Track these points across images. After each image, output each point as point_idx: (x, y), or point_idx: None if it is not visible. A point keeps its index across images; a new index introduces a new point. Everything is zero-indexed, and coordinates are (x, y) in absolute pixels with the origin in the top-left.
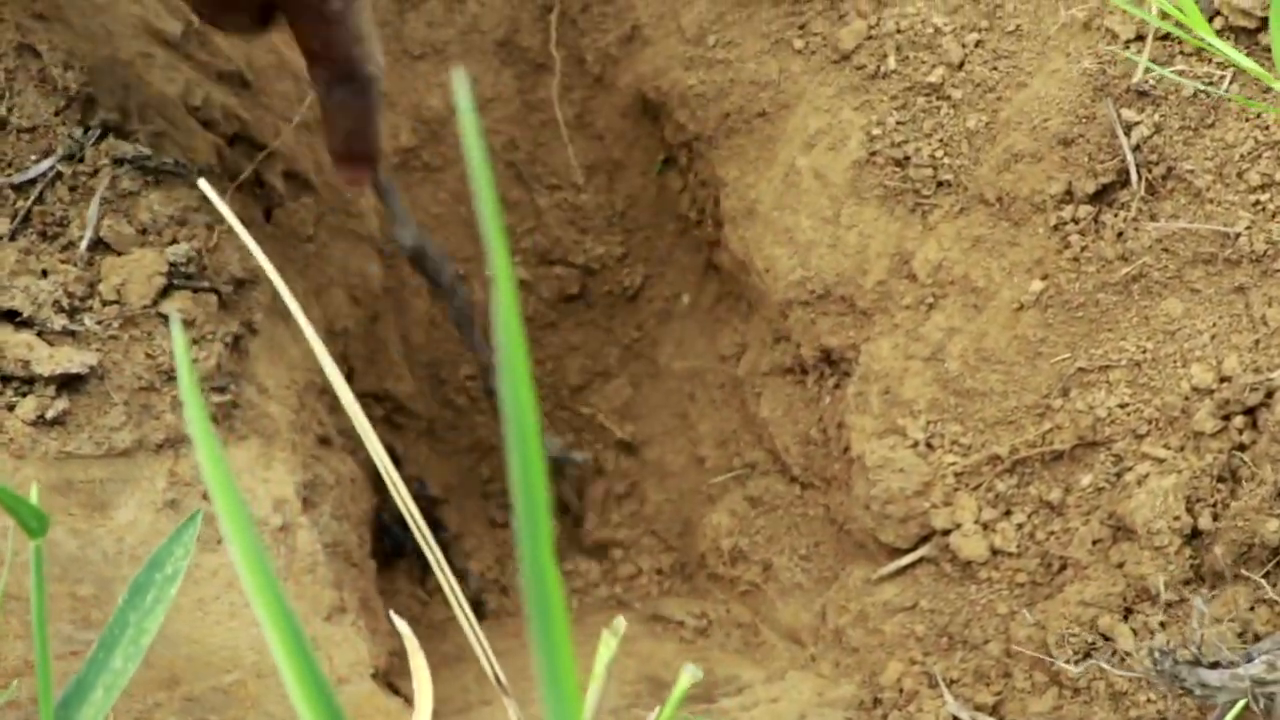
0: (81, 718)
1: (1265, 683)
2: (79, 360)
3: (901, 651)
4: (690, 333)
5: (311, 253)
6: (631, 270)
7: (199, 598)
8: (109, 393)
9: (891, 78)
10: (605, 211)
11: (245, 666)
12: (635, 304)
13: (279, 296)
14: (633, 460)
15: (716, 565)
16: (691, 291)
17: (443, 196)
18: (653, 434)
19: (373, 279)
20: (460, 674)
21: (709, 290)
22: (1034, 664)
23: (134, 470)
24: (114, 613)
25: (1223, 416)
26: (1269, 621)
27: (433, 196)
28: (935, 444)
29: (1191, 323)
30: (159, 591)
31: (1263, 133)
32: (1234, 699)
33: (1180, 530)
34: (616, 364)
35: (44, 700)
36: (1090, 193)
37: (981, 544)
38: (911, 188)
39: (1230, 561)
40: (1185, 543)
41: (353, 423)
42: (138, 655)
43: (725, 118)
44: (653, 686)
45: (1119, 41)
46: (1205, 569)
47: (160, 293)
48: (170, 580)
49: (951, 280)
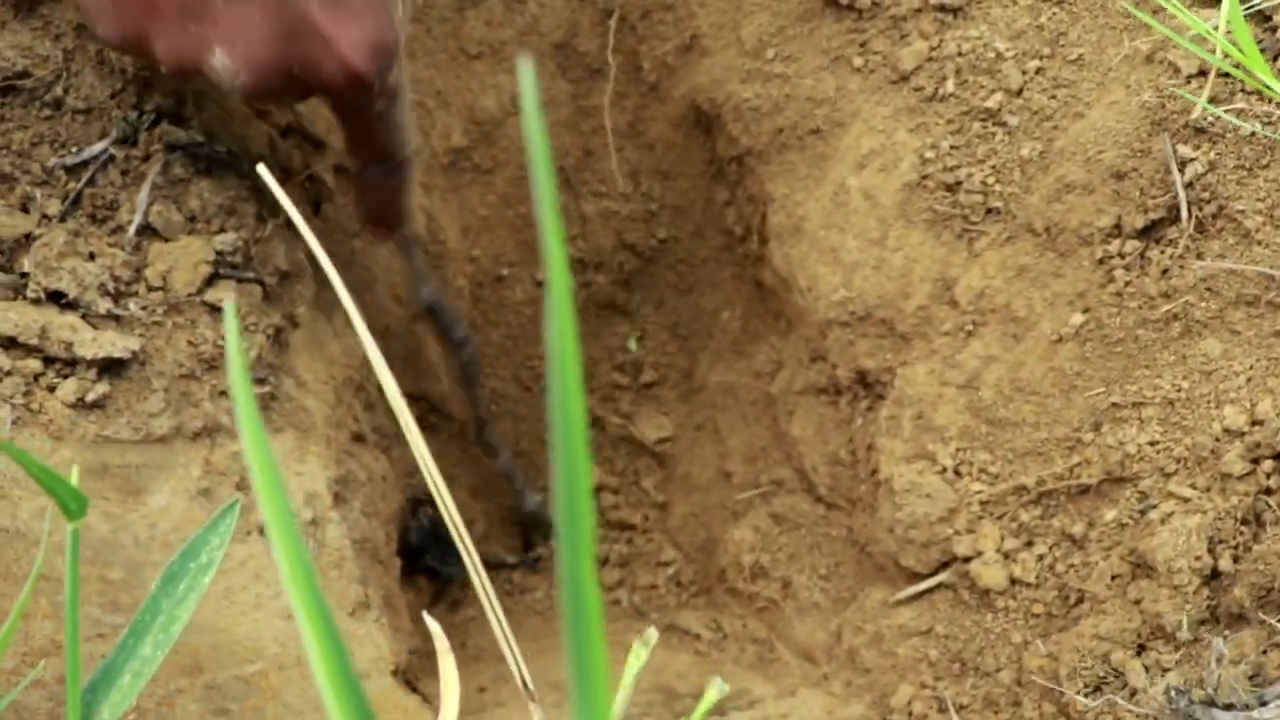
0: (108, 702)
1: None
2: (121, 345)
3: (914, 675)
4: (727, 347)
5: (356, 249)
6: (672, 283)
7: (226, 587)
8: (149, 379)
9: (949, 101)
10: (650, 222)
11: (268, 657)
12: (676, 319)
13: (322, 291)
14: (661, 472)
15: (736, 580)
16: (731, 306)
17: (491, 199)
18: (683, 446)
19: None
20: (477, 674)
21: (749, 306)
22: (1044, 694)
23: (170, 457)
24: (146, 599)
25: (1251, 460)
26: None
27: (481, 199)
28: (963, 471)
29: (1229, 364)
30: (192, 580)
31: None
32: None
33: (1200, 570)
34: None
35: (71, 683)
36: (1139, 228)
37: (1001, 573)
38: (960, 213)
39: (1248, 604)
40: (1204, 583)
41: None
42: (167, 643)
43: (778, 133)
44: (665, 697)
45: (1180, 76)
46: (1222, 610)
47: (206, 281)
48: (204, 569)
49: (993, 309)
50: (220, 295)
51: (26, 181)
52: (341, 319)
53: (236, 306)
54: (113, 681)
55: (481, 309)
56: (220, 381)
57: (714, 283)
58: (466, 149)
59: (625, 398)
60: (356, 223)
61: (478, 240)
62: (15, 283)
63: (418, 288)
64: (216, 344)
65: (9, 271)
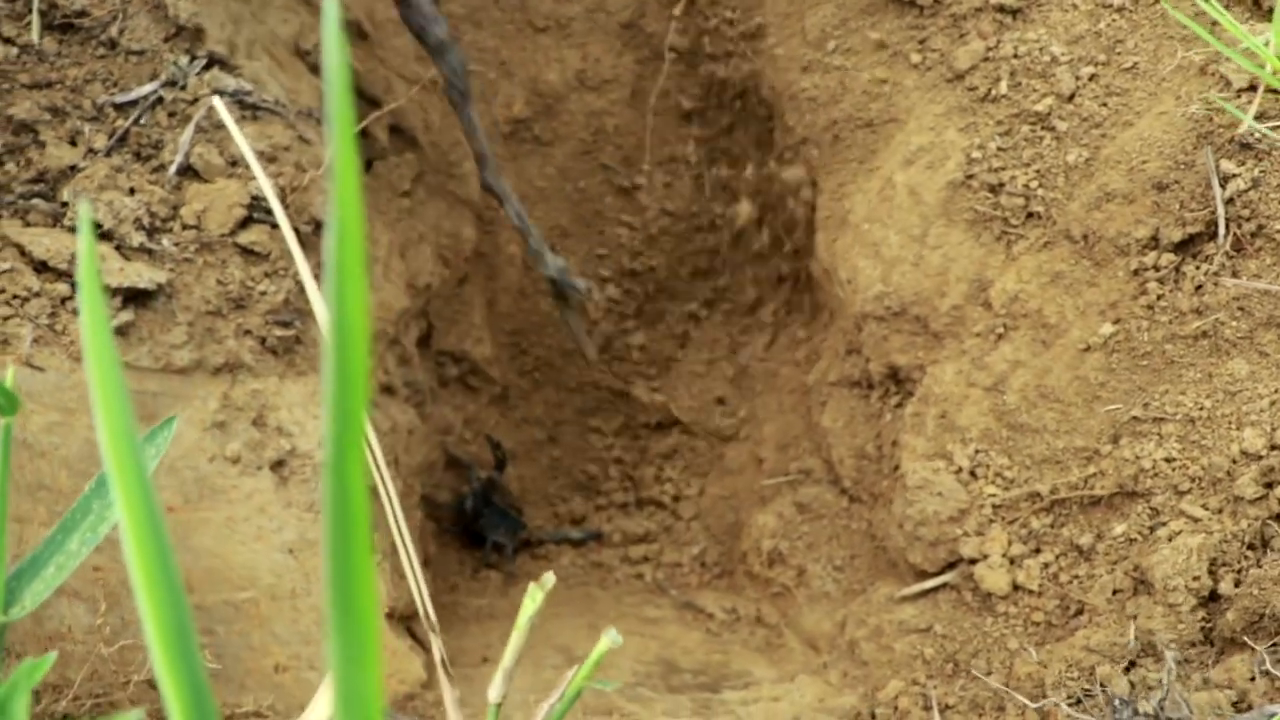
0: (31, 590)
1: None
2: (148, 277)
3: (907, 671)
4: (774, 334)
5: (405, 208)
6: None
7: (229, 516)
8: (175, 312)
9: (1000, 102)
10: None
11: (261, 587)
12: (723, 303)
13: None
14: (696, 454)
15: (755, 564)
16: (779, 295)
17: (550, 171)
18: (721, 432)
19: (465, 241)
20: (487, 630)
21: (796, 295)
22: (1030, 700)
23: (188, 388)
24: (79, 499)
25: (1265, 484)
26: (1266, 694)
27: (539, 170)
28: (979, 473)
29: (1254, 386)
30: (93, 523)
31: None
32: None
33: (1197, 591)
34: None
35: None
36: (1176, 241)
37: (1005, 578)
38: (1001, 215)
39: (1240, 629)
40: (1200, 604)
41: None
42: (94, 541)
43: (832, 124)
44: (665, 670)
45: (1231, 90)
46: (1216, 633)
47: (239, 223)
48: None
49: (1025, 313)
50: (253, 238)
51: (77, 116)
52: (379, 272)
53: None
54: (38, 572)
55: (532, 277)
56: (246, 320)
57: (764, 271)
58: (528, 120)
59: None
60: (406, 182)
61: (533, 210)
62: (55, 210)
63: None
64: (245, 284)
65: (50, 200)
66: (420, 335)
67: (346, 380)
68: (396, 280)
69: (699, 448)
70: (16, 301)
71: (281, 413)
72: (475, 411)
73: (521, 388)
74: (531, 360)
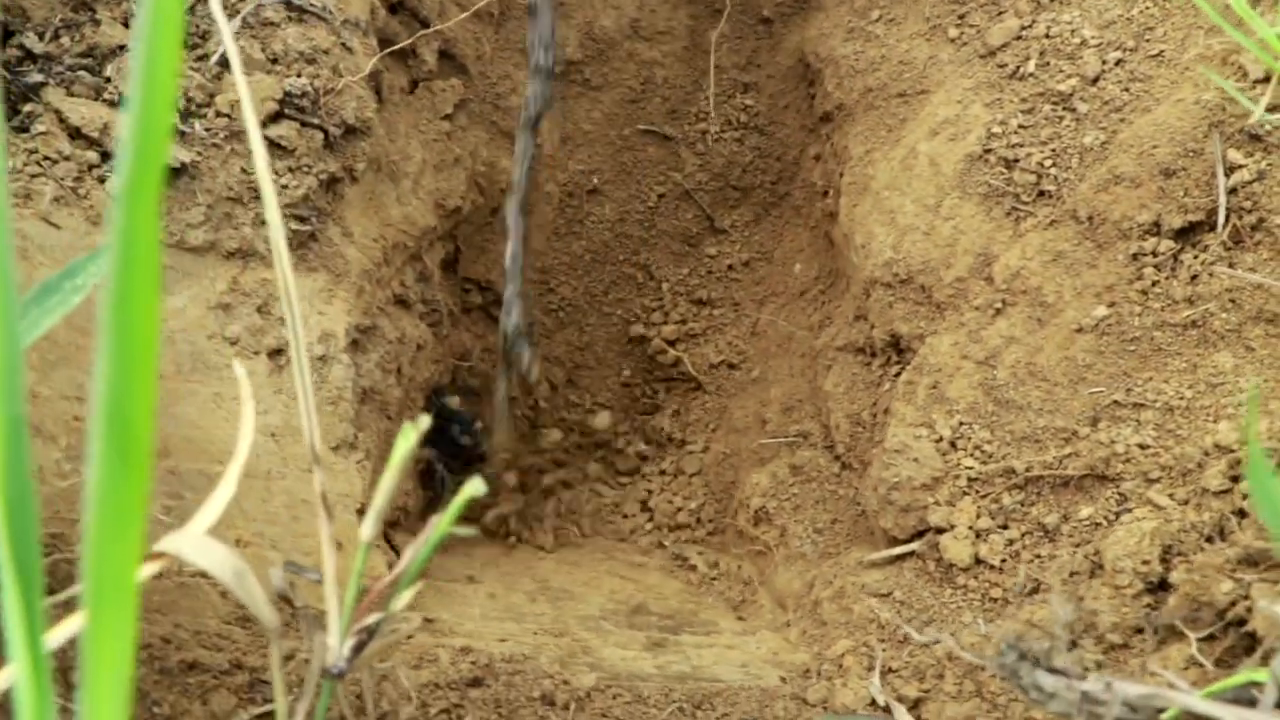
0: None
1: (1096, 701)
2: (174, 155)
3: (861, 634)
4: (794, 297)
5: (444, 131)
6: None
7: (217, 393)
8: (196, 193)
9: (1027, 80)
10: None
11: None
12: (749, 267)
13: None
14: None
15: (743, 522)
16: (806, 258)
17: (596, 115)
18: (732, 388)
19: (501, 173)
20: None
21: (821, 260)
22: (967, 672)
23: (200, 267)
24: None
25: (1231, 477)
26: (1196, 683)
27: (586, 114)
28: (960, 445)
29: (1236, 379)
30: (64, 298)
31: None
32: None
33: (1145, 576)
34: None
35: None
36: (1176, 228)
37: (968, 550)
38: (1013, 191)
39: (1180, 617)
40: (1148, 590)
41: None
42: (19, 342)
43: (868, 92)
44: (634, 610)
45: (1247, 80)
46: (1159, 621)
47: (270, 117)
48: (77, 290)
49: (1024, 290)
50: (282, 132)
51: (134, 0)
52: (408, 187)
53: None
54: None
55: (566, 217)
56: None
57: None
58: (580, 63)
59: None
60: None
61: (575, 152)
62: (98, 84)
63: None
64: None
65: (95, 74)
66: (446, 258)
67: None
68: (425, 198)
69: (710, 404)
70: (47, 162)
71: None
72: (495, 342)
73: (545, 325)
74: (557, 299)
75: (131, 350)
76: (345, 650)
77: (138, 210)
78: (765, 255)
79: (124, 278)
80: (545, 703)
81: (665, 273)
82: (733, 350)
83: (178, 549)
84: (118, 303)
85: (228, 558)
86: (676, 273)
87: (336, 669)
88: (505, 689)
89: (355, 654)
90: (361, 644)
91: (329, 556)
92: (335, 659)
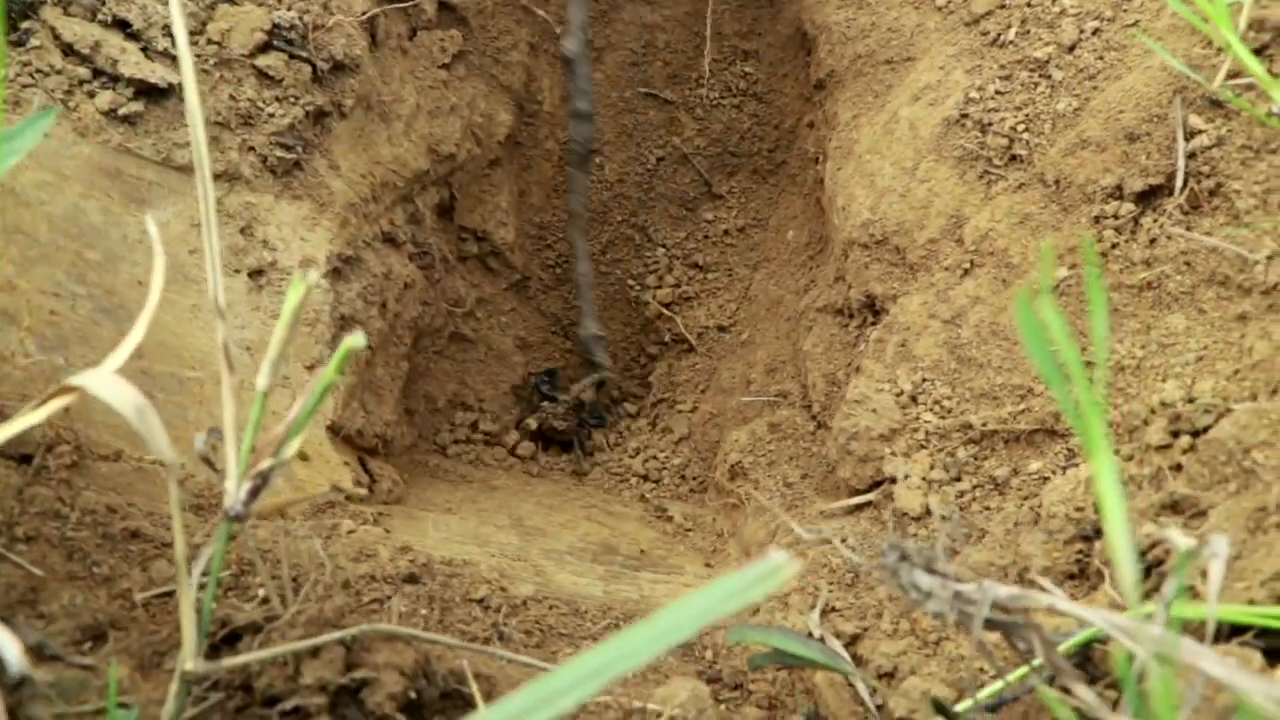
0: None
1: (968, 600)
2: (160, 74)
3: (812, 577)
4: (784, 266)
5: (441, 79)
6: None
7: (195, 304)
8: (183, 114)
9: (1007, 48)
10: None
11: (209, 372)
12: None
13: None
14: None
15: (721, 477)
16: (797, 227)
17: (598, 78)
18: (722, 352)
19: (500, 125)
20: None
21: (809, 227)
22: (904, 612)
23: (185, 185)
24: None
25: (1172, 433)
26: None
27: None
28: (920, 400)
29: (1186, 340)
30: None
31: None
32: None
33: (1078, 522)
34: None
35: None
36: (1137, 191)
37: (919, 500)
38: (986, 155)
39: (1105, 560)
40: (1081, 537)
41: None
42: None
43: (857, 59)
44: (602, 550)
45: (1212, 49)
46: (1092, 570)
47: (259, 47)
48: (13, 154)
49: (992, 251)
50: (270, 62)
51: None
52: (400, 129)
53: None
54: None
55: (565, 175)
56: (250, 137)
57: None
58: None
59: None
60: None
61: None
62: (94, 6)
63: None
64: (256, 104)
65: None
66: (440, 203)
67: None
68: (418, 141)
69: (700, 366)
70: (40, 75)
71: (270, 228)
72: (492, 294)
73: (543, 280)
74: (555, 255)
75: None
76: (242, 494)
77: None
78: (761, 222)
79: None
80: (480, 605)
81: (663, 235)
82: (724, 314)
83: (86, 384)
84: None
85: (131, 394)
86: (674, 236)
87: (234, 511)
88: (441, 588)
89: (251, 498)
90: (257, 489)
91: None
92: (232, 501)
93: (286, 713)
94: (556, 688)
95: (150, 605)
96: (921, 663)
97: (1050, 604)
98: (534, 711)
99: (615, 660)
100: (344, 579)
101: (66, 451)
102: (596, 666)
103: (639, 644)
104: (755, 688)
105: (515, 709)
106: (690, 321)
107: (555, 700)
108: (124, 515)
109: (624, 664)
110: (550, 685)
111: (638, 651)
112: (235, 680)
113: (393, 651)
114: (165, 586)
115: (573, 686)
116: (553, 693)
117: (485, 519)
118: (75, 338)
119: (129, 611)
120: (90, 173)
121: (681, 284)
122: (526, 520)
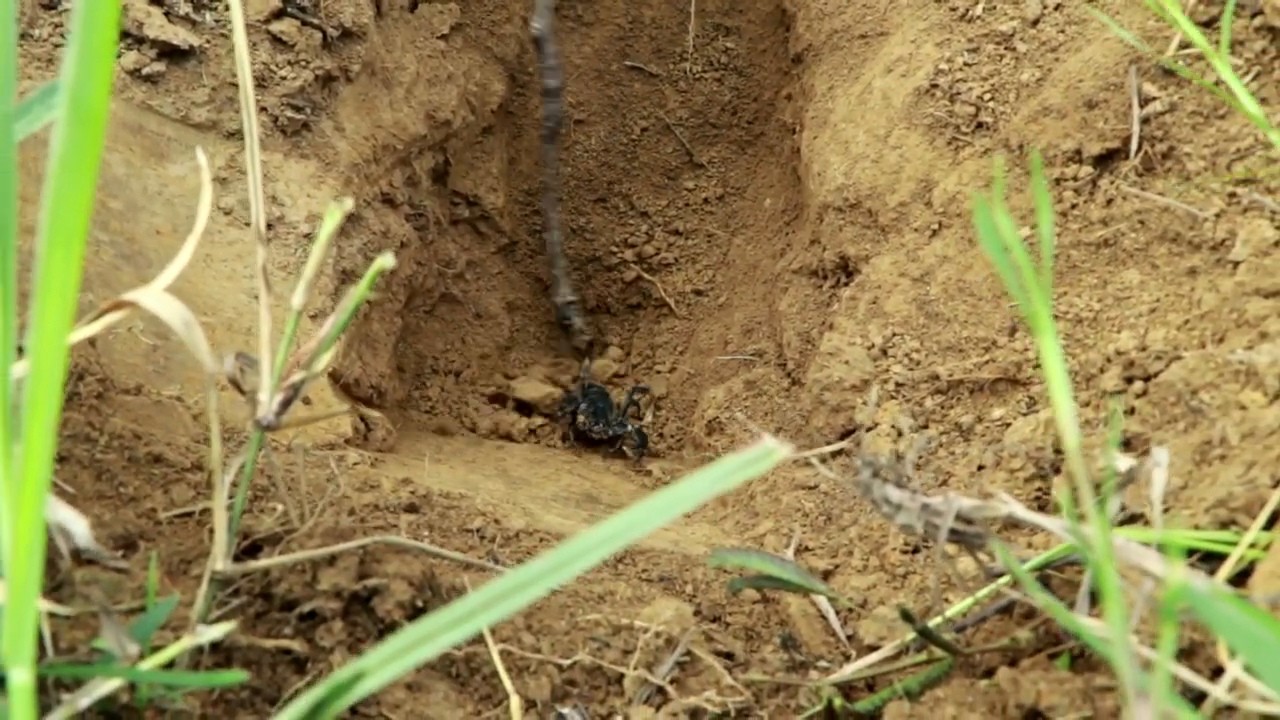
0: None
1: (936, 513)
2: (183, 37)
3: (786, 521)
4: (763, 229)
5: (439, 49)
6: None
7: (208, 254)
8: (202, 75)
9: (975, 22)
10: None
11: (221, 318)
12: (723, 200)
13: (380, 60)
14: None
15: (698, 432)
16: (775, 192)
17: (586, 50)
18: (700, 315)
19: (493, 95)
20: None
21: (785, 195)
22: (873, 549)
23: (202, 142)
24: None
25: (1126, 379)
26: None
27: (577, 48)
28: (890, 352)
29: (1140, 294)
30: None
31: None
32: (908, 522)
33: (1037, 461)
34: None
35: None
36: (1095, 155)
37: (888, 446)
38: (954, 123)
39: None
40: (1039, 476)
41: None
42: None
43: (833, 34)
44: (583, 499)
45: (1164, 23)
46: (1050, 504)
47: (274, 14)
48: (52, 108)
49: (959, 213)
50: (283, 28)
51: None
52: (400, 95)
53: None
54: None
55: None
56: (264, 98)
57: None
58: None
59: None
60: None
61: (565, 84)
62: None
63: None
64: (269, 67)
65: None
66: (436, 168)
67: None
68: (416, 107)
69: (679, 328)
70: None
71: (279, 185)
72: (482, 256)
73: (529, 245)
74: (541, 221)
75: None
76: (274, 404)
77: None
78: (739, 190)
79: (74, 110)
80: (476, 534)
81: (645, 203)
82: (702, 278)
83: (139, 298)
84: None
85: (179, 308)
86: (655, 204)
87: (266, 420)
88: (439, 518)
89: (283, 409)
90: (288, 400)
91: (265, 323)
92: (265, 412)
93: (304, 616)
94: (579, 549)
95: (173, 523)
96: (890, 594)
97: (1010, 513)
98: (555, 572)
99: (628, 528)
100: (350, 507)
101: (94, 381)
102: (613, 532)
103: (649, 514)
104: (733, 619)
105: (538, 570)
106: (669, 286)
107: (577, 560)
108: (147, 441)
109: (635, 531)
110: (574, 548)
111: (647, 520)
112: (255, 587)
113: (402, 563)
114: (186, 507)
115: (593, 549)
116: (574, 554)
117: (473, 469)
118: (98, 280)
119: (155, 526)
120: (115, 127)
121: (661, 250)
122: (512, 471)
